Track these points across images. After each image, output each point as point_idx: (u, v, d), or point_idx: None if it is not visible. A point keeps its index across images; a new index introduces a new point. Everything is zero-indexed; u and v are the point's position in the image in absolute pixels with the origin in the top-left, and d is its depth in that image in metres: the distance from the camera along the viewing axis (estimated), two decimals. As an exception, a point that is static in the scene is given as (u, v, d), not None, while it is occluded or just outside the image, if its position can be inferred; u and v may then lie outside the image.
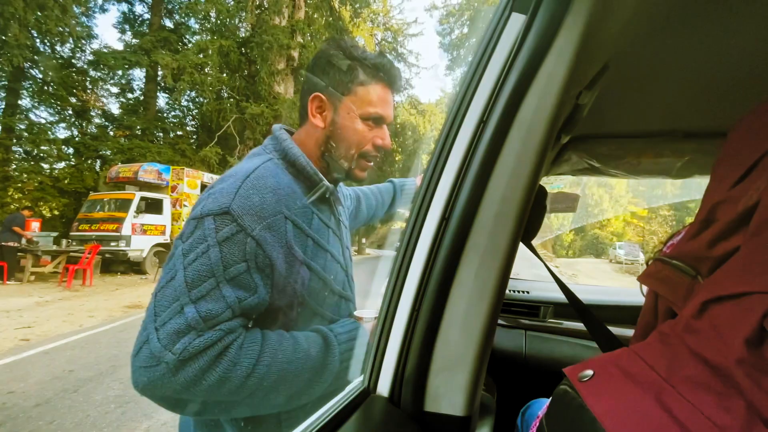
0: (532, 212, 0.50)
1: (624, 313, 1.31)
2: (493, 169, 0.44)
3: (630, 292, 1.58)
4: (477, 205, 0.45)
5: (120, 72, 14.76)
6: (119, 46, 15.44)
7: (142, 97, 15.89)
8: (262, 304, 0.65)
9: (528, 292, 1.47)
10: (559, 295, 1.45)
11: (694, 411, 0.27)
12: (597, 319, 0.59)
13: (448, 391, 0.47)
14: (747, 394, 0.25)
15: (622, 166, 1.01)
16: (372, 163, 0.77)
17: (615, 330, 0.68)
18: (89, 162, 14.53)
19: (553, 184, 1.31)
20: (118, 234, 8.95)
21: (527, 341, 1.33)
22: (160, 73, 14.62)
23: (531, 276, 2.04)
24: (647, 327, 0.41)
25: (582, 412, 0.35)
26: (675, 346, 0.33)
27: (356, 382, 0.53)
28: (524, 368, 1.32)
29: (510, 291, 1.50)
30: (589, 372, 0.37)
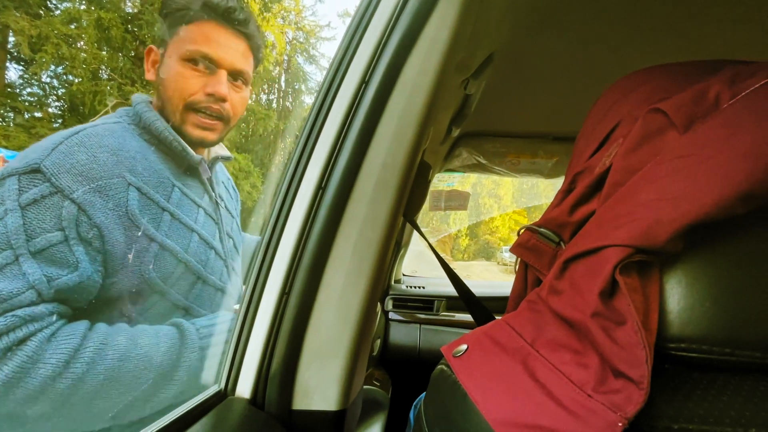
0: (414, 185, 0.47)
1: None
2: (374, 134, 0.41)
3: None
4: (356, 172, 0.41)
5: (-51, 31, 11.63)
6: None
7: (-17, 67, 12.72)
8: (87, 285, 0.51)
9: (424, 287, 1.51)
10: (452, 289, 1.53)
11: (554, 371, 0.26)
12: (477, 300, 0.60)
13: (320, 384, 0.41)
14: (600, 346, 0.25)
15: (504, 164, 1.10)
16: (212, 120, 0.64)
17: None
18: None
19: (447, 182, 1.37)
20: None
21: (421, 335, 1.36)
22: (12, 39, 11.90)
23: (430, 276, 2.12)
24: (518, 298, 0.41)
25: (455, 388, 0.33)
26: (541, 312, 0.32)
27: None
28: (418, 362, 1.34)
29: (407, 287, 1.52)
30: (464, 347, 0.36)
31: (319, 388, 0.41)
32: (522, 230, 0.39)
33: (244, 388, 0.41)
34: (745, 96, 0.27)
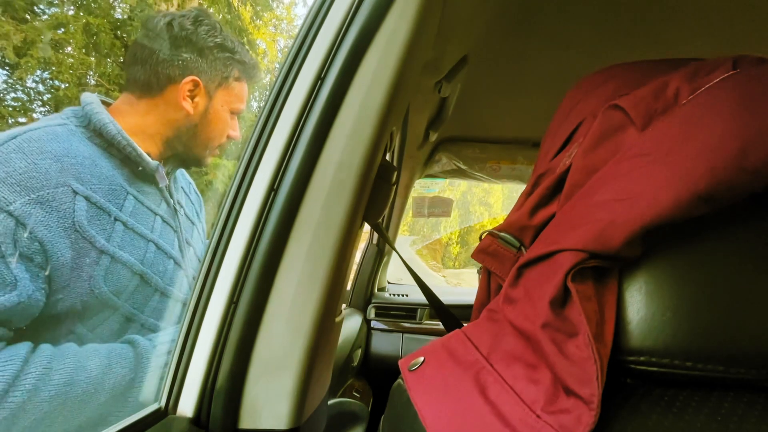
0: (375, 187, 0.45)
1: None
2: (330, 131, 0.38)
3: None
4: (310, 171, 0.38)
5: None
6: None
7: (-35, 70, 12.43)
8: (28, 306, 0.47)
9: (407, 296, 1.49)
10: (436, 297, 1.50)
11: (505, 388, 0.24)
12: (445, 308, 0.58)
13: (270, 400, 0.38)
14: (551, 361, 0.22)
15: (485, 169, 1.08)
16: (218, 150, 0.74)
17: None
18: None
19: (429, 188, 1.35)
20: None
21: (404, 344, 1.33)
22: (-4, 44, 11.69)
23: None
24: (481, 307, 0.39)
25: (408, 405, 0.30)
26: (499, 322, 0.30)
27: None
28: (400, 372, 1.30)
29: (390, 295, 1.49)
30: (420, 359, 0.33)
31: (268, 404, 0.38)
32: (484, 235, 0.37)
33: (187, 406, 0.37)
34: (705, 91, 0.25)
